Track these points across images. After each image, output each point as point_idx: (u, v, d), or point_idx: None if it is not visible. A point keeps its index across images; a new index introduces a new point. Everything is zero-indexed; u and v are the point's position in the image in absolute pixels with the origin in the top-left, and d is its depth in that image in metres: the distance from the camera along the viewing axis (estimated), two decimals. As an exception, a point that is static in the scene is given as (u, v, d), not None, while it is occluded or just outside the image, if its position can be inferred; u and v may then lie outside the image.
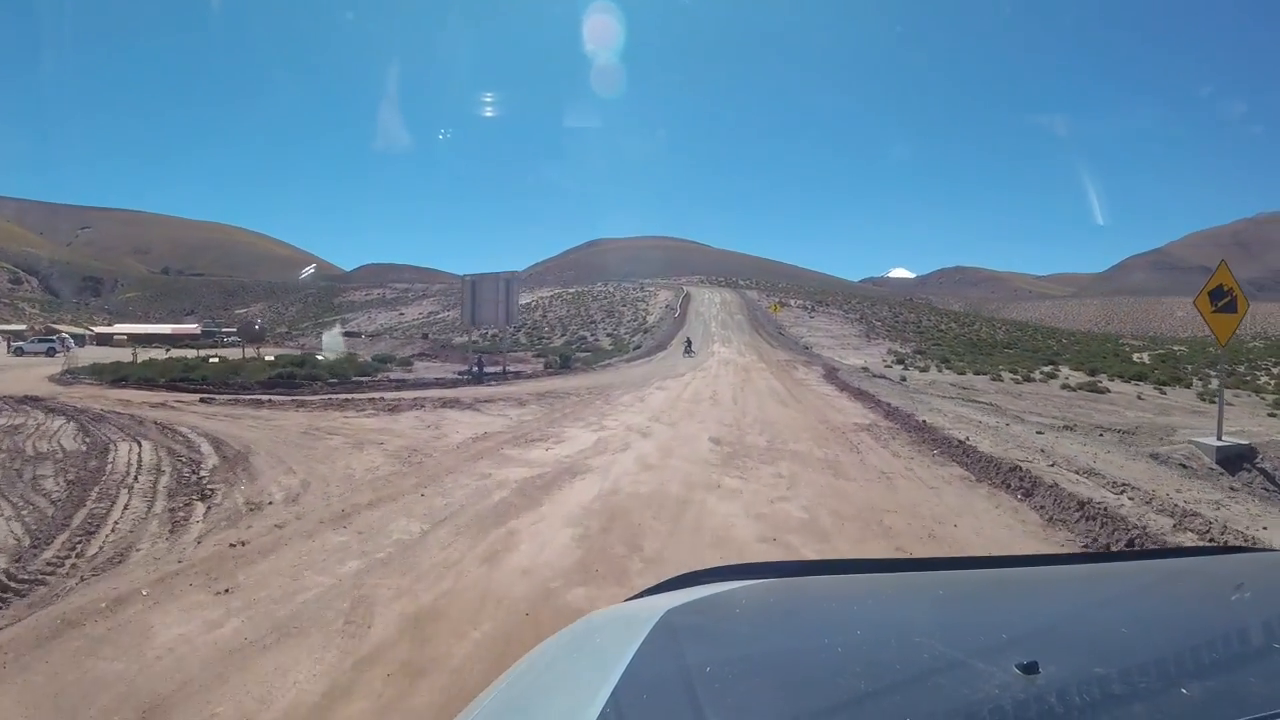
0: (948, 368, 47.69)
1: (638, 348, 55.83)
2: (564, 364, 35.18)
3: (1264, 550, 2.91)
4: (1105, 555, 4.54)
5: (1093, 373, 48.68)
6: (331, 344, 67.80)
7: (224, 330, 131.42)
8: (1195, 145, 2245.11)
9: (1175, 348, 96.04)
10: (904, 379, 32.28)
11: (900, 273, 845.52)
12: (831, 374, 30.56)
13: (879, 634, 1.35)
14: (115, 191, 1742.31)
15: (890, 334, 78.35)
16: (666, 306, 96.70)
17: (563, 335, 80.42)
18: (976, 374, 43.17)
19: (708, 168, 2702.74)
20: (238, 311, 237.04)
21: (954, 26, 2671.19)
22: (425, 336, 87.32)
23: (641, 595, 1.75)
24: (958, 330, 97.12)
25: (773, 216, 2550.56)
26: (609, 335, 74.80)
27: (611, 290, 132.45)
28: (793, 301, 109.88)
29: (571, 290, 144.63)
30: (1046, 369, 51.48)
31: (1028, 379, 40.19)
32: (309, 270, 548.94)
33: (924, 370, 44.03)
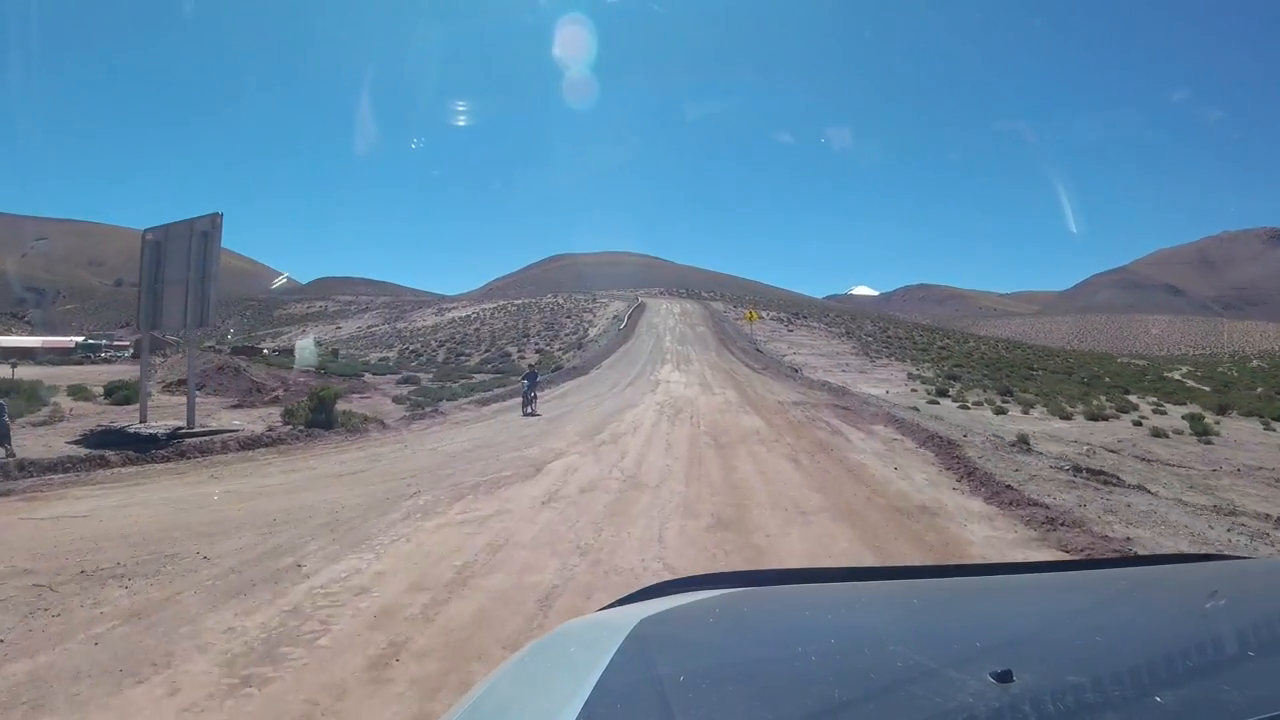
0: (1013, 401, 30.83)
1: (558, 368, 38.12)
2: (318, 413, 16.27)
3: (1237, 558, 2.61)
4: (1079, 563, 3.52)
5: (1222, 410, 32.09)
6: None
7: (115, 343, 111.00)
8: (1160, 163, 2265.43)
9: (1183, 367, 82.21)
10: (1023, 440, 14.98)
11: (863, 290, 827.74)
12: (946, 453, 12.14)
13: (853, 643, 1.31)
14: (77, 203, 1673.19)
15: (890, 352, 61.01)
16: (614, 318, 78.63)
17: (486, 351, 62.70)
18: (1090, 419, 25.89)
19: (673, 185, 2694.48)
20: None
21: (914, 49, 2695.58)
22: (335, 353, 69.69)
23: (614, 605, 1.65)
24: (957, 348, 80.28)
25: (737, 234, 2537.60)
26: (538, 351, 57.11)
27: (561, 302, 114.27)
28: (765, 314, 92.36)
29: (518, 302, 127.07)
30: (1130, 399, 35.10)
31: (1210, 433, 22.77)
32: (281, 279, 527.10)
33: (999, 410, 26.71)
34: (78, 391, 24.96)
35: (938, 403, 28.67)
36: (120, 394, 23.04)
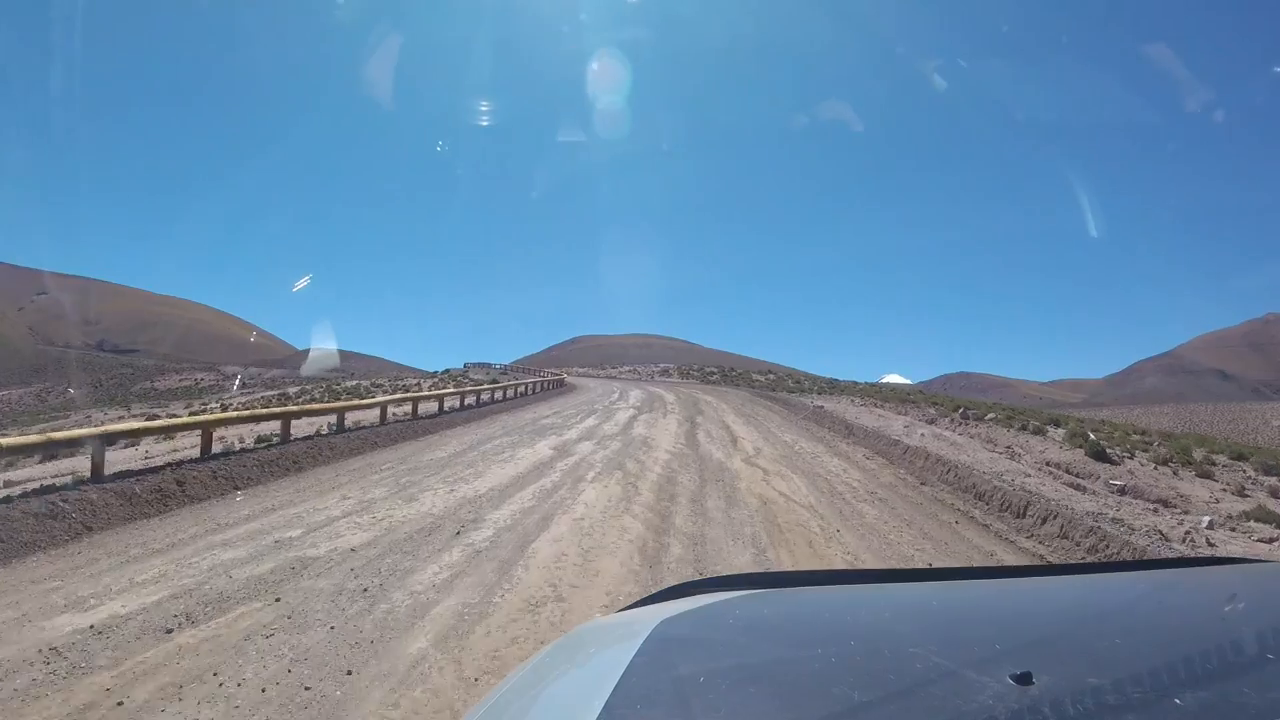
0: None
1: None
2: None
3: (1257, 560, 2.32)
4: (1099, 565, 3.70)
5: None
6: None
7: None
8: (1200, 248, 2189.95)
9: None
10: None
11: (895, 378, 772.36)
12: None
13: (873, 644, 1.28)
14: (88, 260, 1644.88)
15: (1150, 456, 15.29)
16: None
17: None
18: None
19: (700, 270, 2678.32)
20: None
21: (951, 131, 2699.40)
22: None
23: (634, 606, 1.66)
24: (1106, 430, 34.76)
25: (764, 321, 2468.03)
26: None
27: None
28: (859, 401, 46.88)
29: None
30: None
31: None
32: (304, 281, 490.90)
33: None
34: None
35: None
36: None
